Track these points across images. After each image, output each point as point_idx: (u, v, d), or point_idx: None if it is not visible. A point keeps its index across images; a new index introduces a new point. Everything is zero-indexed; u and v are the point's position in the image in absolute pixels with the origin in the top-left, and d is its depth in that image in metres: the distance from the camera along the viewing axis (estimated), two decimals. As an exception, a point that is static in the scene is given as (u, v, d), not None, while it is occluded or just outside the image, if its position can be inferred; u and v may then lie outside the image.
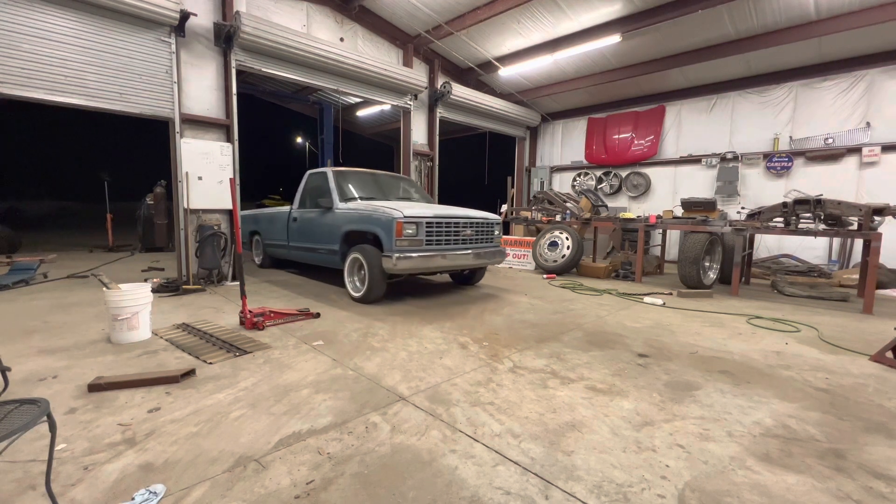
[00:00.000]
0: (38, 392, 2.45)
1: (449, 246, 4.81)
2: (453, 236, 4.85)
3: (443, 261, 4.66)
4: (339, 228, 5.08)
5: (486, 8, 7.21)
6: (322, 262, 5.60)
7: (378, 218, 4.58)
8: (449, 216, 4.79)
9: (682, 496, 1.63)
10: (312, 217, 5.66)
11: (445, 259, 4.68)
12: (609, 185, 10.39)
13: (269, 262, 7.38)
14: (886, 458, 1.92)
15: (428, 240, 4.60)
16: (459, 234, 4.90)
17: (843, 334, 3.90)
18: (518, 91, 10.35)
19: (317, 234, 5.54)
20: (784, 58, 7.51)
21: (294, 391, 2.52)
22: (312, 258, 5.79)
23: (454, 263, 4.83)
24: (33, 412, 1.35)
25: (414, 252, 4.47)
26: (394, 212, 4.46)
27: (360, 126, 14.76)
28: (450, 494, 1.62)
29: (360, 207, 4.93)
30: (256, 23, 5.87)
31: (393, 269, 4.41)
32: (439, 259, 4.63)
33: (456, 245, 4.89)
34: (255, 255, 7.77)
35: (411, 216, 4.46)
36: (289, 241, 6.25)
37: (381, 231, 4.53)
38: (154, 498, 1.56)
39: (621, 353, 3.30)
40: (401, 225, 4.40)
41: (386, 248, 4.49)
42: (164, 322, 3.94)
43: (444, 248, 4.76)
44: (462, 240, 4.95)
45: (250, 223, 7.70)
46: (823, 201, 5.27)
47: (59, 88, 4.79)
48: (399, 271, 4.44)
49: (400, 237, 4.40)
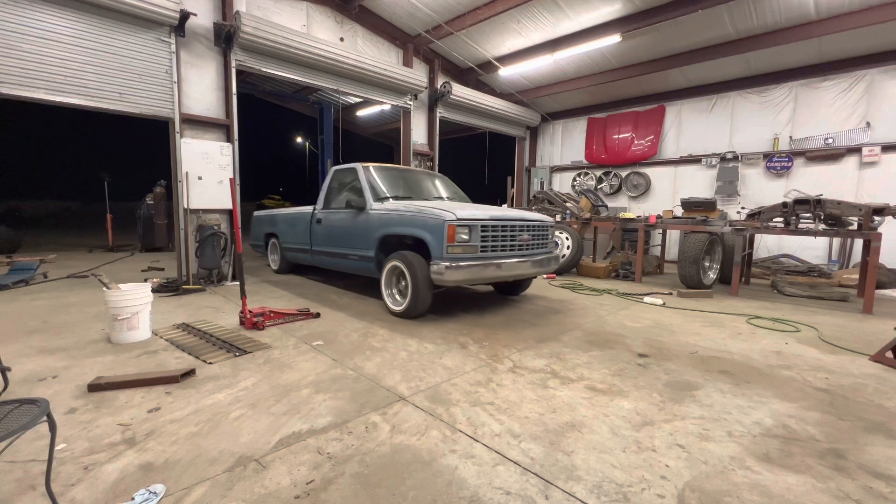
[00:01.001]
0: (38, 392, 2.45)
1: (504, 253, 4.23)
2: (509, 242, 4.26)
3: (497, 271, 4.08)
4: (375, 232, 4.52)
5: (486, 8, 7.21)
6: (353, 269, 5.02)
7: (425, 220, 4.01)
8: (505, 218, 4.24)
9: (682, 496, 1.63)
10: (341, 219, 5.10)
11: (501, 269, 4.10)
12: (609, 185, 10.39)
13: (288, 268, 6.82)
14: (886, 458, 1.92)
15: (483, 246, 4.03)
16: (516, 239, 4.31)
17: (843, 334, 3.90)
18: (518, 91, 10.35)
19: (346, 237, 4.98)
20: (784, 58, 7.51)
21: (294, 391, 2.52)
22: (341, 265, 5.22)
23: (510, 273, 4.23)
24: (33, 412, 1.35)
25: (467, 260, 3.91)
26: (444, 213, 3.89)
27: (360, 126, 14.77)
28: (450, 494, 1.62)
29: (401, 208, 4.34)
30: (256, 23, 5.87)
31: (442, 279, 3.85)
32: (493, 269, 4.05)
33: (512, 252, 4.30)
34: (270, 260, 7.18)
35: (465, 218, 3.90)
36: (312, 246, 5.70)
37: (428, 235, 3.97)
38: (154, 498, 1.56)
39: (621, 353, 3.30)
40: (453, 229, 3.85)
41: (434, 256, 3.92)
42: (164, 322, 3.94)
43: (499, 255, 4.18)
44: (518, 246, 4.35)
45: (266, 225, 7.11)
46: (823, 201, 5.27)
47: (59, 88, 4.79)
48: (450, 283, 3.87)
49: (452, 243, 3.84)
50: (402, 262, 4.11)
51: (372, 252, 4.57)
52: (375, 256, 4.54)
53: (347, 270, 5.18)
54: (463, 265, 3.85)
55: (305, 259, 6.01)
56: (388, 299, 4.35)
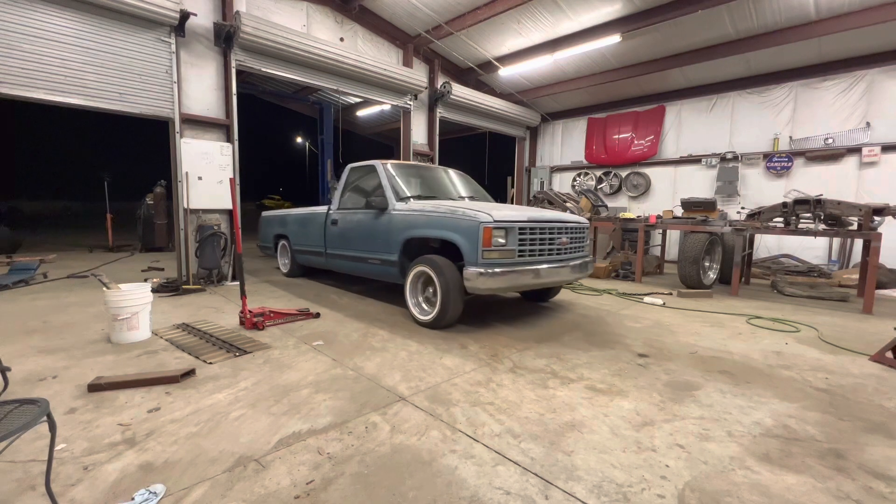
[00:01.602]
0: (38, 392, 2.45)
1: (543, 257, 3.91)
2: (547, 245, 3.94)
3: (536, 278, 3.76)
4: (398, 234, 4.22)
5: (486, 8, 7.20)
6: (373, 274, 4.72)
7: (457, 222, 3.70)
8: (544, 220, 3.92)
9: (682, 496, 1.63)
10: (359, 220, 4.80)
11: (539, 276, 3.77)
12: (609, 185, 10.39)
13: (299, 271, 6.51)
14: (886, 458, 1.92)
15: (520, 250, 3.70)
16: (554, 242, 3.99)
17: (843, 334, 3.90)
18: (518, 91, 10.34)
19: (365, 240, 4.69)
20: (784, 58, 7.51)
21: (294, 391, 2.52)
22: (359, 269, 4.90)
23: (549, 280, 3.90)
24: (33, 412, 1.35)
25: (503, 266, 3.58)
26: (479, 214, 3.59)
27: (360, 126, 14.77)
28: (450, 494, 1.62)
29: (428, 209, 4.03)
30: (256, 23, 5.87)
31: (476, 287, 3.54)
32: (531, 275, 3.72)
33: (550, 256, 3.98)
34: (280, 263, 6.85)
35: (502, 220, 3.58)
36: (326, 248, 5.40)
37: (461, 238, 3.65)
38: (154, 498, 1.56)
39: (621, 353, 3.30)
40: (489, 231, 3.52)
41: (468, 260, 3.61)
42: (164, 322, 3.94)
43: (537, 259, 3.86)
44: (557, 250, 4.02)
45: (276, 226, 6.79)
46: (823, 201, 5.27)
47: (59, 88, 4.79)
48: (484, 291, 3.59)
49: (488, 247, 3.52)
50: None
51: (395, 256, 4.26)
52: (399, 261, 4.24)
53: (366, 275, 4.90)
54: (498, 271, 3.53)
55: (319, 263, 5.72)
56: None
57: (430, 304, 3.93)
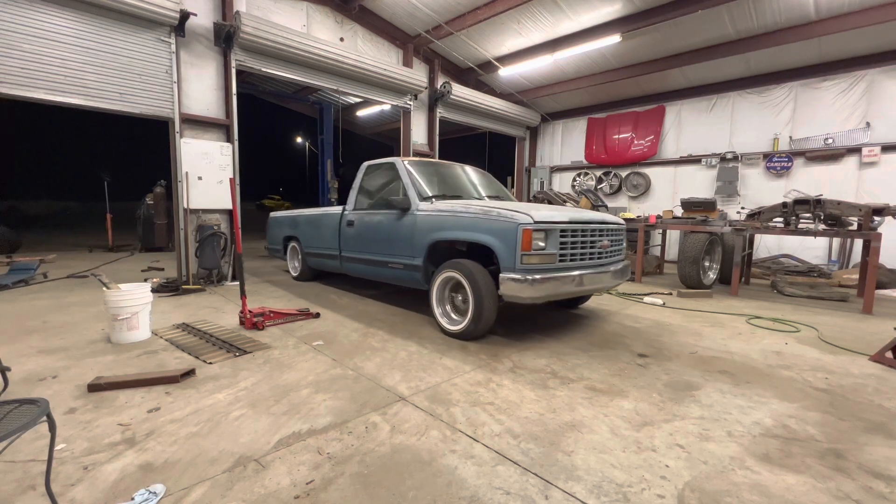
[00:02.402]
0: (38, 392, 2.45)
1: (584, 262, 3.58)
2: (589, 249, 3.61)
3: (579, 285, 3.44)
4: (423, 237, 3.92)
5: (486, 8, 7.20)
6: (394, 279, 4.41)
7: (492, 224, 3.39)
8: (585, 221, 3.59)
9: (682, 496, 1.63)
10: (378, 221, 4.51)
11: (582, 282, 3.46)
12: (609, 185, 10.39)
13: (310, 275, 6.20)
14: (886, 458, 1.92)
15: (561, 255, 3.38)
16: (595, 245, 3.67)
17: (842, 334, 3.90)
18: (518, 91, 10.34)
19: (385, 243, 4.38)
20: (784, 58, 7.51)
21: (294, 391, 2.52)
22: (378, 274, 4.60)
23: (592, 287, 3.61)
24: (33, 412, 1.35)
25: (543, 272, 3.26)
26: (517, 215, 3.27)
27: (360, 126, 14.77)
28: (449, 494, 1.62)
29: (458, 209, 3.71)
30: (256, 23, 5.87)
31: (515, 295, 3.22)
32: (574, 282, 3.41)
33: (591, 261, 3.65)
34: (290, 266, 6.55)
35: (543, 221, 3.27)
36: (341, 251, 5.11)
37: (496, 242, 3.34)
38: (154, 498, 1.56)
39: (621, 353, 3.30)
40: (529, 234, 3.18)
41: (504, 266, 3.30)
42: (164, 322, 3.94)
43: (578, 265, 3.52)
44: (598, 254, 3.72)
45: (286, 227, 6.49)
46: (823, 201, 5.27)
47: (59, 88, 4.79)
48: (525, 299, 3.24)
49: (527, 251, 3.20)
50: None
51: (419, 260, 3.97)
52: (423, 265, 3.95)
53: (386, 280, 4.59)
54: (538, 278, 3.19)
55: (333, 266, 5.41)
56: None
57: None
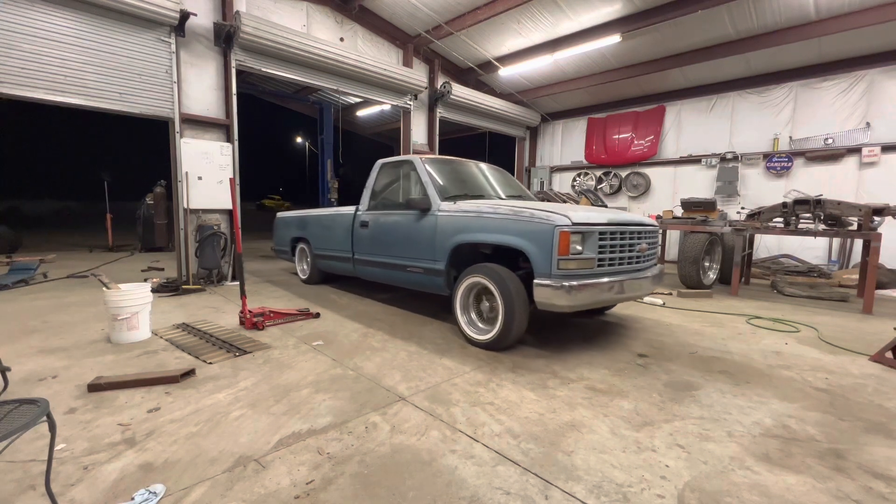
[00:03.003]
0: (38, 392, 2.45)
1: (622, 267, 3.34)
2: (627, 253, 3.38)
3: (620, 292, 3.23)
4: (446, 239, 3.69)
5: (486, 8, 7.20)
6: (413, 284, 4.20)
7: (525, 225, 3.15)
8: (624, 223, 3.34)
9: (682, 496, 1.63)
10: (395, 222, 4.28)
11: (623, 289, 3.25)
12: (609, 185, 10.39)
13: (320, 278, 5.97)
14: (886, 458, 1.92)
15: (599, 259, 3.15)
16: (633, 248, 3.44)
17: (842, 334, 3.90)
18: (518, 91, 10.34)
19: (403, 245, 4.16)
20: (784, 58, 7.51)
21: (294, 391, 2.52)
22: (396, 278, 4.35)
23: (632, 294, 3.40)
24: (33, 412, 1.35)
25: (582, 278, 3.02)
26: (553, 216, 3.04)
27: (360, 126, 14.76)
28: (449, 494, 1.62)
29: (484, 209, 3.47)
30: (256, 23, 5.87)
31: (553, 304, 2.98)
32: (615, 289, 3.18)
33: (629, 266, 3.42)
34: (298, 269, 6.33)
35: (581, 223, 3.03)
36: (354, 254, 4.88)
37: (529, 245, 3.10)
38: (154, 498, 1.56)
39: (621, 353, 3.30)
40: (567, 237, 2.95)
41: (538, 272, 3.05)
42: (164, 322, 3.94)
43: (616, 270, 3.28)
44: (636, 258, 3.49)
45: (294, 228, 6.25)
46: (823, 201, 5.27)
47: (59, 88, 4.79)
48: (563, 308, 2.99)
49: (565, 255, 2.96)
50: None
51: (441, 264, 3.75)
52: (445, 270, 3.73)
53: (404, 285, 4.36)
54: (576, 284, 2.95)
55: (345, 269, 5.17)
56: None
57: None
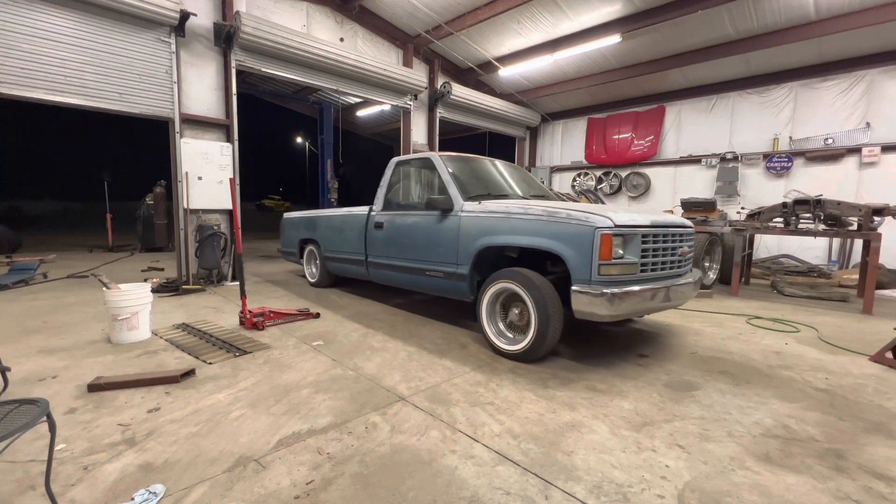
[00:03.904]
0: (38, 392, 2.45)
1: (664, 272, 3.10)
2: (669, 257, 3.13)
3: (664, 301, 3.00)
4: (471, 242, 3.45)
5: (486, 8, 7.20)
6: (433, 289, 3.94)
7: (560, 227, 2.92)
8: (666, 225, 3.11)
9: (682, 496, 1.63)
10: (414, 223, 4.04)
11: (669, 297, 3.03)
12: (609, 186, 10.39)
13: (330, 281, 5.72)
14: (886, 458, 1.92)
15: (642, 265, 2.91)
16: (675, 253, 3.19)
17: (842, 334, 3.90)
18: (518, 91, 10.34)
19: (422, 248, 3.93)
20: (784, 58, 7.50)
21: (294, 391, 2.52)
22: (414, 283, 4.11)
23: (677, 302, 3.19)
24: (33, 412, 1.35)
25: (624, 285, 2.78)
26: (593, 217, 2.80)
27: (360, 126, 14.77)
28: (449, 495, 1.62)
29: (513, 210, 3.22)
30: (256, 23, 5.87)
31: (594, 313, 2.74)
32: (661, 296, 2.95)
33: (672, 271, 3.18)
34: (306, 272, 6.09)
35: (625, 225, 2.79)
36: (367, 256, 4.66)
37: (566, 249, 2.87)
38: (154, 498, 1.56)
39: (621, 352, 3.30)
40: (609, 240, 2.71)
41: (577, 277, 2.82)
42: (164, 322, 3.94)
43: (658, 276, 3.05)
44: (678, 262, 3.24)
45: (302, 229, 6.00)
46: (823, 201, 5.27)
47: (59, 88, 4.78)
48: (605, 317, 2.74)
49: (607, 260, 2.73)
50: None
51: (464, 268, 3.52)
52: (469, 274, 3.50)
53: (423, 290, 4.11)
54: (618, 292, 2.70)
55: (357, 272, 4.93)
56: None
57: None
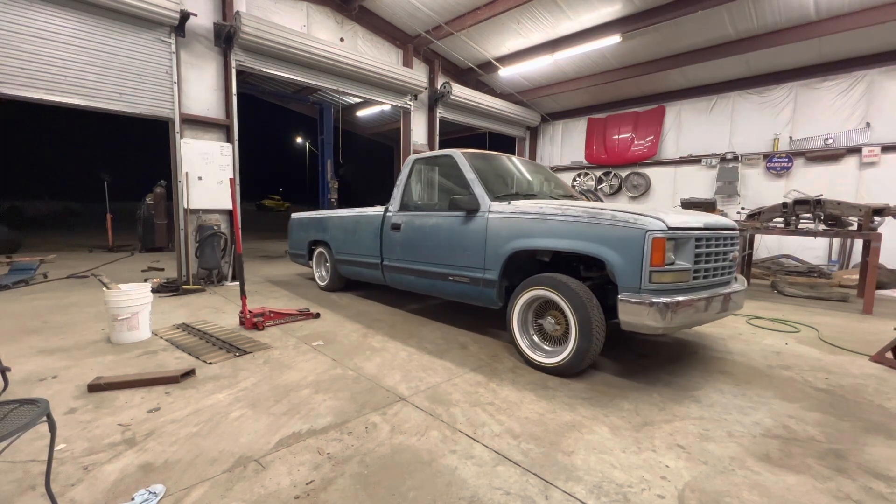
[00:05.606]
0: (38, 392, 2.45)
1: (717, 279, 2.87)
2: (721, 262, 2.89)
3: (721, 311, 2.80)
4: (500, 245, 3.20)
5: (487, 8, 7.20)
6: (457, 295, 3.68)
7: (605, 230, 2.65)
8: (719, 227, 2.88)
9: (682, 496, 1.63)
10: (436, 224, 3.79)
11: (727, 305, 2.85)
12: (609, 186, 10.39)
13: (340, 284, 5.49)
14: (886, 458, 1.92)
15: (695, 271, 2.65)
16: (727, 258, 2.95)
17: (842, 334, 3.90)
18: (518, 91, 10.34)
19: (446, 251, 3.67)
20: (784, 58, 7.50)
21: (294, 391, 2.52)
22: (435, 288, 3.85)
23: (730, 311, 2.98)
24: (33, 412, 1.35)
25: (678, 293, 2.53)
26: (643, 218, 2.53)
27: (360, 126, 14.76)
28: (449, 495, 1.62)
29: (549, 211, 2.96)
30: (256, 23, 5.87)
31: (646, 325, 2.47)
32: (716, 306, 2.73)
33: (723, 277, 2.95)
34: (315, 275, 5.86)
35: (678, 227, 2.54)
36: (383, 259, 4.42)
37: (611, 253, 2.60)
38: (154, 498, 1.56)
39: (621, 353, 3.30)
40: (662, 244, 2.45)
41: (625, 285, 2.56)
42: (164, 322, 3.94)
43: (712, 283, 2.83)
44: (729, 268, 3.03)
45: (312, 230, 5.73)
46: (823, 201, 5.27)
47: (59, 88, 4.78)
48: (658, 329, 2.47)
49: (659, 266, 2.46)
50: (556, 293, 2.79)
51: (492, 273, 3.26)
52: (498, 280, 3.24)
53: (444, 296, 3.86)
54: (671, 302, 2.43)
55: (372, 276, 4.70)
56: (528, 350, 2.99)
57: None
